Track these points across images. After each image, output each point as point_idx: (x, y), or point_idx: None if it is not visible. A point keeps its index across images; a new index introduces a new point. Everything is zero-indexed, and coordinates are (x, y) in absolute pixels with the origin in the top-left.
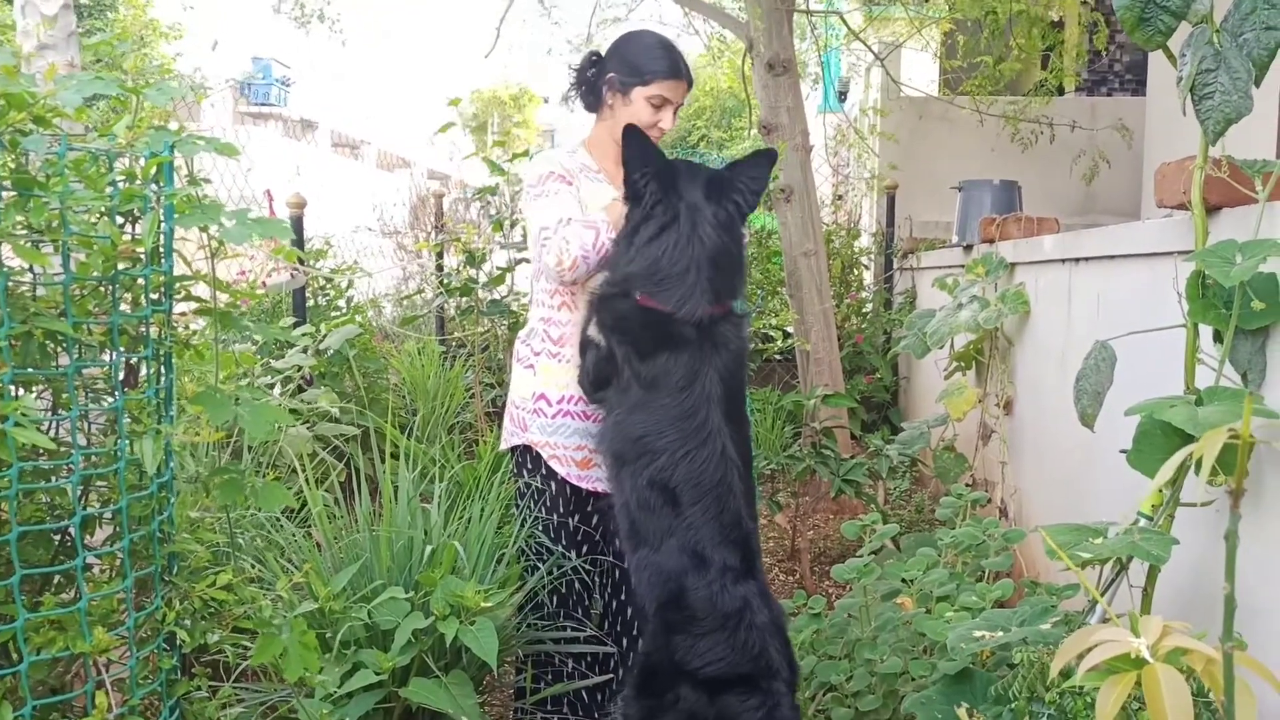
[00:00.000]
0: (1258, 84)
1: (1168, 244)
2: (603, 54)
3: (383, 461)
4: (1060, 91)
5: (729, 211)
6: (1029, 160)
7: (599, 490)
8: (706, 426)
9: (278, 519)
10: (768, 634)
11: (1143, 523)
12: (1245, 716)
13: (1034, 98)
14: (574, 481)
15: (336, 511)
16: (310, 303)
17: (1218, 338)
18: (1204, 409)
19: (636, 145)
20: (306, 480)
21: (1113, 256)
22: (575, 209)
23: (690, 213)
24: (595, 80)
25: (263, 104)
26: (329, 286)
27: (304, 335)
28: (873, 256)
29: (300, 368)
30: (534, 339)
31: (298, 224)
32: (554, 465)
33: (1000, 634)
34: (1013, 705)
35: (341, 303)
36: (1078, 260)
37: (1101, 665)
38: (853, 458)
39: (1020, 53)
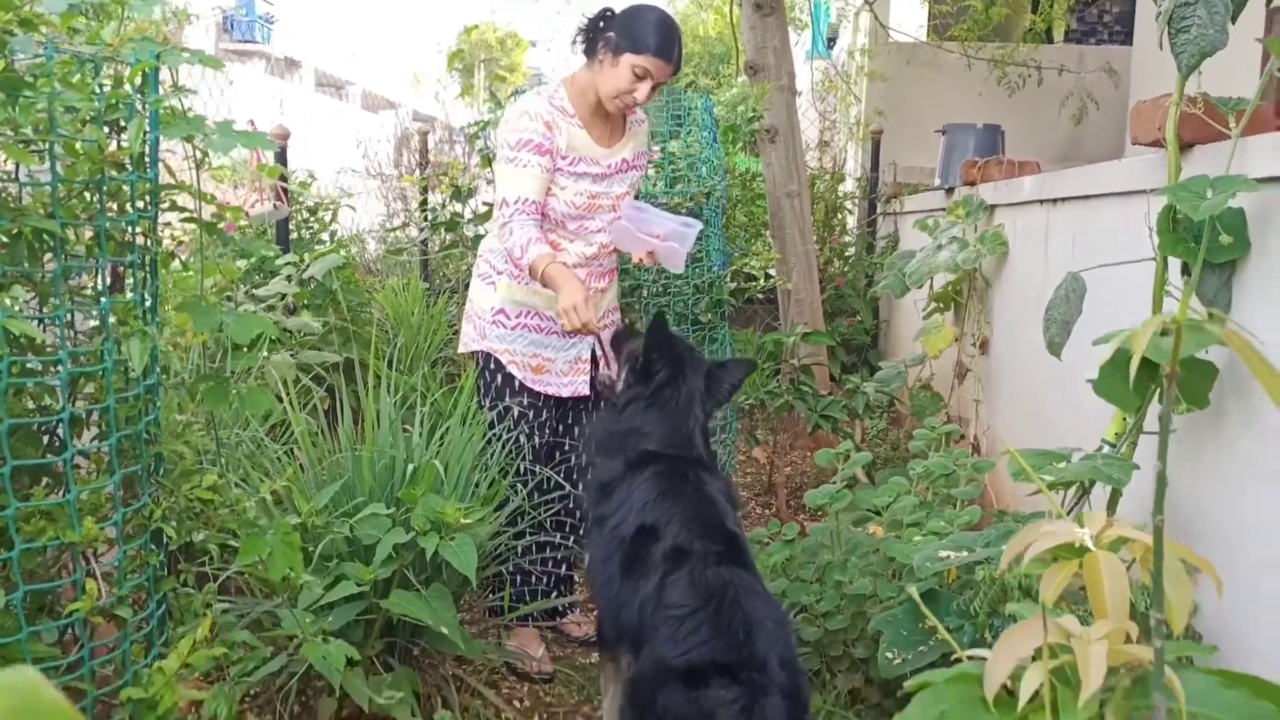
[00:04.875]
0: (1234, 19)
1: (1142, 182)
2: (614, 12)
3: (365, 390)
4: (1049, 39)
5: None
6: (1016, 106)
7: (550, 394)
8: None
9: (261, 440)
10: None
11: (1106, 449)
12: (1179, 596)
13: (1022, 42)
14: (530, 385)
15: (319, 438)
16: (294, 235)
17: (1186, 271)
18: (1168, 338)
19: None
20: (290, 403)
21: (1089, 196)
22: (535, 189)
23: None
24: (598, 32)
25: (246, 41)
26: (313, 220)
27: (287, 264)
28: (856, 201)
29: (284, 295)
30: (495, 257)
31: (281, 156)
32: (512, 370)
33: (965, 554)
34: (975, 620)
35: (325, 236)
36: (1055, 201)
37: (1047, 555)
38: (830, 394)
39: None
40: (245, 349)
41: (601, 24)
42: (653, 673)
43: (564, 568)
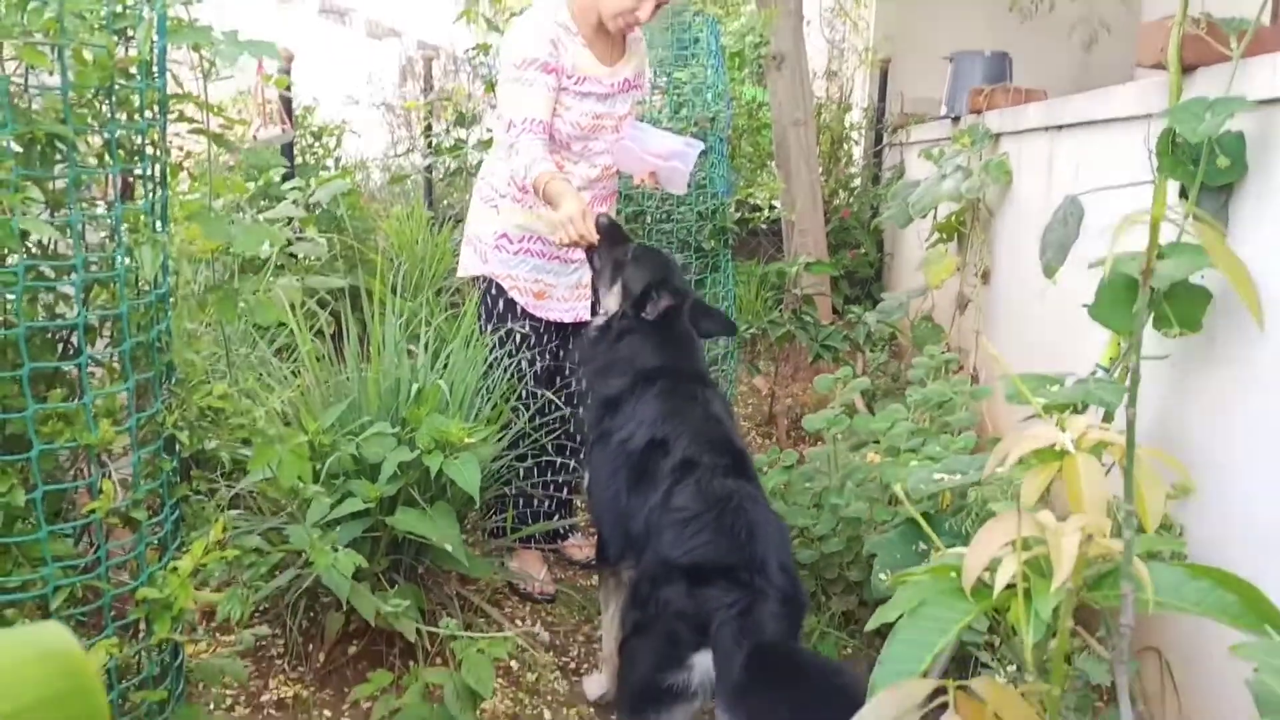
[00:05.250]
0: None
1: (1145, 106)
2: None
3: (371, 316)
4: None
5: None
6: (1028, 33)
7: (551, 319)
8: None
9: (269, 360)
10: None
11: (1100, 374)
12: (1152, 496)
13: None
14: (531, 310)
15: (326, 361)
16: (298, 161)
17: (1184, 194)
18: (1162, 262)
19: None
20: (297, 324)
21: (1093, 122)
22: (542, 107)
23: None
24: None
25: None
26: (317, 145)
27: (293, 189)
28: (863, 132)
29: (290, 219)
30: (497, 180)
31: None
32: (514, 295)
33: (959, 477)
34: (967, 542)
35: (330, 163)
36: (1060, 128)
37: (1029, 458)
38: (832, 325)
39: None
40: (254, 272)
41: None
42: (656, 570)
43: (565, 491)
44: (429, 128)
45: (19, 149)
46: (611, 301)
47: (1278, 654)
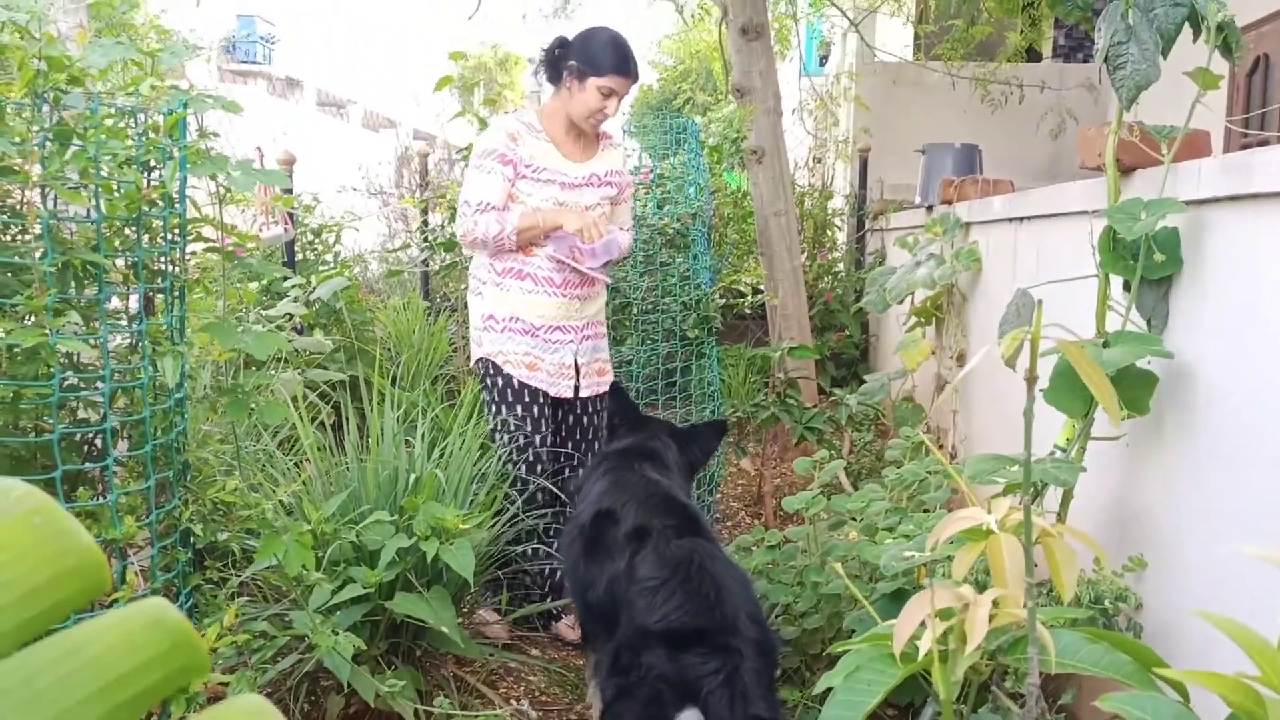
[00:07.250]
0: (1165, 55)
1: (1094, 203)
2: (568, 40)
3: (370, 406)
4: (1038, 58)
5: None
6: (1000, 123)
7: (544, 390)
8: None
9: (273, 452)
10: None
11: (1058, 454)
12: (1067, 570)
13: (1004, 61)
14: (526, 381)
15: (327, 451)
16: (300, 257)
17: (1127, 287)
18: (1109, 350)
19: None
20: (300, 418)
21: (1049, 215)
22: (497, 194)
23: None
24: (558, 62)
25: (247, 62)
26: (317, 241)
27: (295, 286)
28: (845, 218)
29: (291, 315)
30: (480, 270)
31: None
32: (508, 369)
33: (929, 554)
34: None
35: (329, 258)
36: (1022, 219)
37: (957, 537)
38: (815, 407)
39: (989, 15)
40: (258, 367)
41: (558, 52)
42: (634, 638)
43: (559, 574)
44: (425, 222)
45: (54, 271)
46: None
47: (1137, 705)
